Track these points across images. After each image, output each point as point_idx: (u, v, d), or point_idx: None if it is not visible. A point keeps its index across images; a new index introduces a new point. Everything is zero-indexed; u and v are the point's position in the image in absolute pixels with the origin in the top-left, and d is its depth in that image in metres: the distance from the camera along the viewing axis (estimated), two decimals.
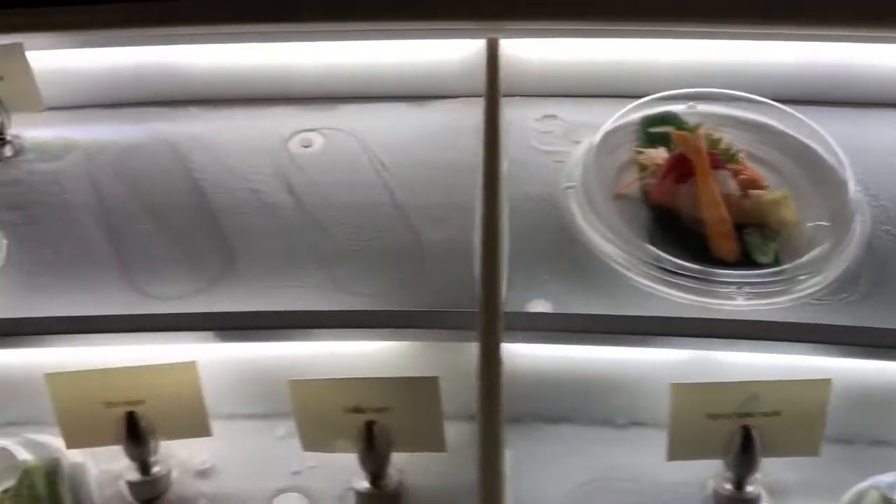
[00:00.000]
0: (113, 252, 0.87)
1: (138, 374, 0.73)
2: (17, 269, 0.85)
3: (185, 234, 0.90)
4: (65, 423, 0.73)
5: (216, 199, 0.93)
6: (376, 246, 0.88)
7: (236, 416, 0.80)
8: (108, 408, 0.73)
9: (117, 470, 0.77)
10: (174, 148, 1.00)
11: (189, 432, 0.75)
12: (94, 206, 0.93)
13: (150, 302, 0.82)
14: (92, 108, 1.05)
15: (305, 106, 1.06)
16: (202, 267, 0.86)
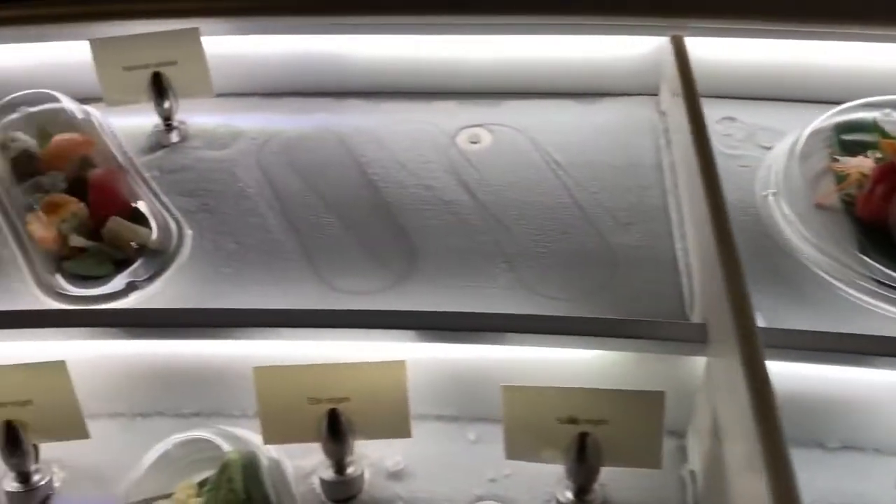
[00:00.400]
0: (295, 243, 0.86)
1: (345, 371, 0.71)
2: (201, 258, 0.85)
3: (365, 229, 0.88)
4: (266, 417, 0.72)
5: (390, 194, 0.92)
6: (563, 248, 0.85)
7: (427, 417, 0.78)
8: (312, 404, 0.72)
9: (309, 467, 0.76)
10: (341, 139, 0.99)
11: (390, 433, 0.73)
12: (269, 195, 0.92)
13: (340, 297, 0.81)
14: (255, 97, 1.05)
15: (468, 100, 1.04)
16: (386, 263, 0.84)
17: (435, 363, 0.75)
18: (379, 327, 0.73)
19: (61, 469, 0.77)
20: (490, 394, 0.74)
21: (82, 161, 0.93)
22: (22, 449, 0.73)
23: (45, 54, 1.01)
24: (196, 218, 0.89)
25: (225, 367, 0.77)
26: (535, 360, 0.76)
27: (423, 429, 0.77)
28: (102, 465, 0.77)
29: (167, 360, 0.78)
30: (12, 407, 0.71)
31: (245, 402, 0.79)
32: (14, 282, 0.82)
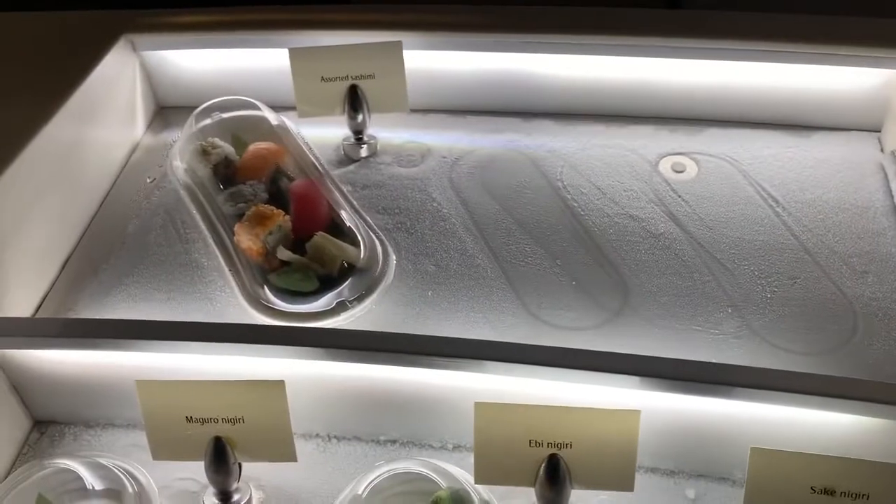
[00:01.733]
0: (497, 270, 0.83)
1: (571, 415, 0.67)
2: (403, 280, 0.82)
3: (569, 258, 0.84)
4: (482, 455, 0.68)
5: (592, 222, 0.87)
6: (795, 296, 0.79)
7: (640, 467, 0.73)
8: (532, 447, 0.69)
9: None
10: (533, 161, 0.96)
11: (612, 485, 0.68)
12: (465, 216, 0.89)
13: (549, 331, 0.77)
14: (442, 114, 1.03)
15: (667, 126, 0.99)
16: (595, 298, 0.80)
17: (656, 412, 0.70)
18: (606, 370, 0.67)
19: (258, 489, 0.76)
20: (715, 450, 0.69)
21: (277, 170, 0.94)
22: (227, 467, 0.71)
23: (241, 60, 1.02)
24: (394, 237, 0.87)
25: (428, 397, 0.73)
26: (767, 418, 0.70)
27: (636, 480, 0.73)
28: (300, 488, 0.75)
29: (369, 383, 0.75)
30: (223, 424, 0.71)
31: (446, 433, 0.77)
32: (218, 290, 0.82)
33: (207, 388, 0.70)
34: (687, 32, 0.94)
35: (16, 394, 0.79)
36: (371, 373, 0.74)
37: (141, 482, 0.73)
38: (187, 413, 0.70)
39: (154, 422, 0.71)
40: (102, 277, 0.84)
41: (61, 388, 0.79)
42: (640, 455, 0.71)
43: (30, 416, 0.81)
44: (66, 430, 0.81)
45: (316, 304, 0.78)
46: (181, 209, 0.91)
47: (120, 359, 0.75)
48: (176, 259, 0.85)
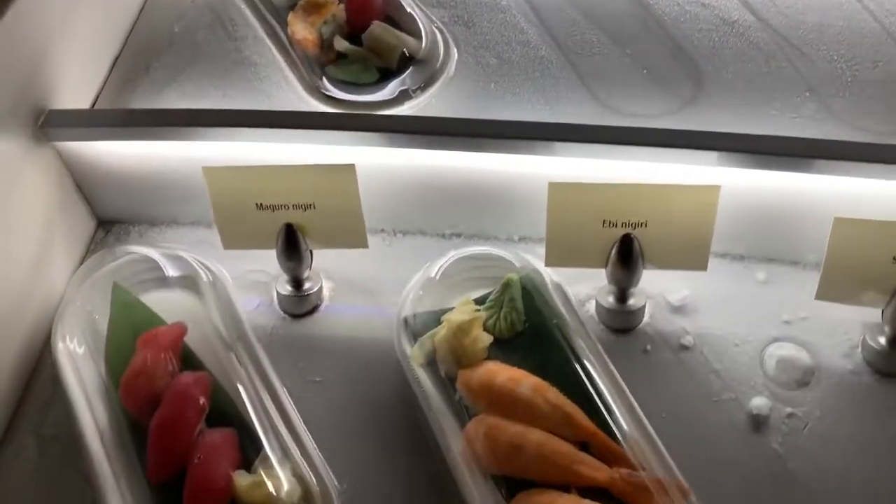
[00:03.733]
0: (563, 61, 0.79)
1: (647, 193, 0.65)
2: (465, 73, 0.79)
3: (638, 48, 0.80)
4: (553, 237, 0.67)
5: (662, 10, 0.82)
6: (875, 77, 0.75)
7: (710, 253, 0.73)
8: (606, 227, 0.67)
9: (585, 294, 0.71)
10: None
11: (686, 263, 0.67)
12: (525, 8, 0.84)
13: (621, 119, 0.74)
14: None
15: None
16: (668, 86, 0.77)
17: (730, 195, 0.66)
18: (683, 147, 0.65)
19: (328, 279, 0.77)
20: (788, 234, 0.68)
21: None
22: (299, 254, 0.72)
23: None
24: (452, 30, 0.83)
25: (495, 187, 0.73)
26: (845, 197, 0.68)
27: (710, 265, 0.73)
28: (369, 279, 0.76)
29: (435, 174, 0.74)
30: (295, 210, 0.70)
31: (512, 225, 0.77)
32: (275, 86, 0.79)
33: (277, 173, 0.69)
34: None
35: (80, 192, 0.80)
36: (437, 162, 0.72)
37: (214, 271, 0.75)
38: (257, 200, 0.70)
39: (223, 210, 0.71)
40: (154, 76, 0.82)
41: (125, 186, 0.78)
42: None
43: (94, 215, 0.82)
44: (130, 228, 0.82)
45: (377, 94, 0.76)
46: (228, 6, 0.87)
47: (184, 151, 0.74)
48: (228, 56, 0.82)
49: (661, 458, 0.60)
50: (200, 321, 0.70)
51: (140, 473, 0.62)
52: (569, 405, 0.63)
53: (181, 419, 0.63)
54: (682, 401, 0.66)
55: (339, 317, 0.74)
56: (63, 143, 0.74)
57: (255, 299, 0.75)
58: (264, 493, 0.59)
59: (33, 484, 0.66)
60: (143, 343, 0.69)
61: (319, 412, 0.67)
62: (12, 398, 0.70)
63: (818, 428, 0.64)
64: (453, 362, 0.66)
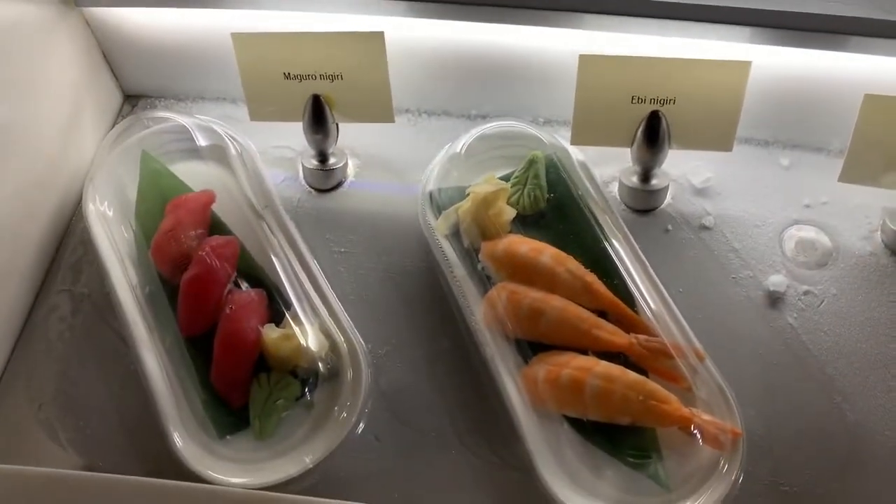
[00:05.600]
0: None
1: (676, 68, 0.64)
2: None
3: None
4: (581, 112, 0.67)
5: None
6: None
7: (737, 138, 0.72)
8: (634, 103, 0.66)
9: (609, 175, 0.71)
10: None
11: (711, 143, 0.67)
12: None
13: None
14: None
15: None
16: None
17: (758, 75, 0.65)
18: (709, 21, 0.64)
19: (353, 156, 0.78)
20: (811, 118, 0.68)
21: None
22: (326, 126, 0.72)
23: None
24: None
25: (520, 65, 0.72)
26: (874, 77, 0.67)
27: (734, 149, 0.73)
28: (394, 157, 0.76)
29: (460, 51, 0.73)
30: (322, 81, 0.70)
31: (539, 107, 0.77)
32: None
33: (305, 40, 0.68)
34: None
35: (107, 64, 0.80)
36: (465, 37, 0.72)
37: (241, 143, 0.76)
38: (285, 69, 0.70)
39: (251, 78, 0.70)
40: None
41: (152, 57, 0.78)
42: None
43: (121, 88, 0.82)
44: (157, 102, 0.82)
45: None
46: None
47: (211, 18, 0.74)
48: None
49: (678, 325, 0.62)
50: (229, 190, 0.71)
51: (171, 328, 0.64)
52: (589, 275, 0.65)
53: (211, 277, 0.65)
54: (701, 277, 0.68)
55: (364, 192, 0.75)
56: (90, 8, 0.74)
57: (280, 174, 0.76)
58: (293, 345, 0.62)
59: (68, 339, 0.68)
60: (172, 207, 0.70)
61: (345, 280, 0.69)
62: (45, 259, 0.72)
63: (833, 305, 0.66)
64: (477, 234, 0.67)
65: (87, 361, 0.66)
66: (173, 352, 0.63)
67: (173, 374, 0.62)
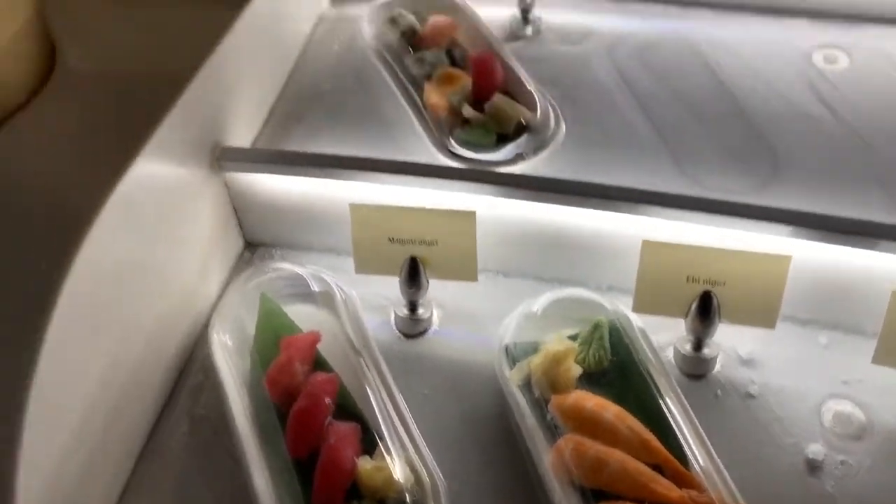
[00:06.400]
0: (657, 139, 0.91)
1: (726, 257, 0.75)
2: (572, 142, 0.91)
3: (724, 131, 0.91)
4: (643, 288, 0.78)
5: (747, 102, 0.94)
6: None
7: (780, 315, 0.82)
8: (689, 282, 0.77)
9: (666, 340, 0.81)
10: (691, 46, 1.02)
11: (756, 321, 0.77)
12: (625, 91, 0.97)
13: (706, 192, 0.84)
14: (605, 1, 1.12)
15: (821, 20, 1.03)
16: (749, 167, 0.87)
17: (800, 264, 0.77)
18: (756, 219, 0.77)
19: (438, 307, 0.89)
20: (850, 304, 0.77)
21: (454, 41, 1.03)
22: (419, 282, 0.84)
23: None
24: (561, 105, 0.95)
25: (590, 240, 0.84)
26: None
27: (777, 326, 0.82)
28: (474, 310, 0.87)
29: (539, 226, 0.86)
30: (419, 245, 0.83)
31: (603, 275, 0.88)
32: (408, 140, 0.93)
33: (409, 213, 0.82)
34: None
35: (236, 216, 0.95)
36: (543, 215, 0.84)
37: (345, 291, 0.87)
38: (390, 235, 0.83)
39: (361, 240, 0.84)
40: (305, 123, 0.97)
41: (273, 213, 0.93)
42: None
43: (243, 237, 0.96)
44: (273, 251, 0.96)
45: (496, 155, 0.89)
46: (371, 71, 1.02)
47: (327, 188, 0.88)
48: (369, 113, 0.97)
49: (725, 484, 0.69)
50: (332, 331, 0.83)
51: (279, 451, 0.74)
52: (646, 432, 0.73)
53: (315, 410, 0.75)
54: (747, 441, 0.75)
55: (446, 340, 0.86)
56: (230, 173, 0.89)
57: (374, 318, 0.88)
58: (385, 476, 0.71)
59: (185, 457, 0.78)
60: (285, 344, 0.82)
61: (427, 419, 0.78)
62: (169, 383, 0.84)
63: (868, 476, 0.73)
64: (547, 387, 0.77)
65: (201, 478, 0.76)
66: (280, 473, 0.73)
67: (278, 493, 0.71)
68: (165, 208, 0.81)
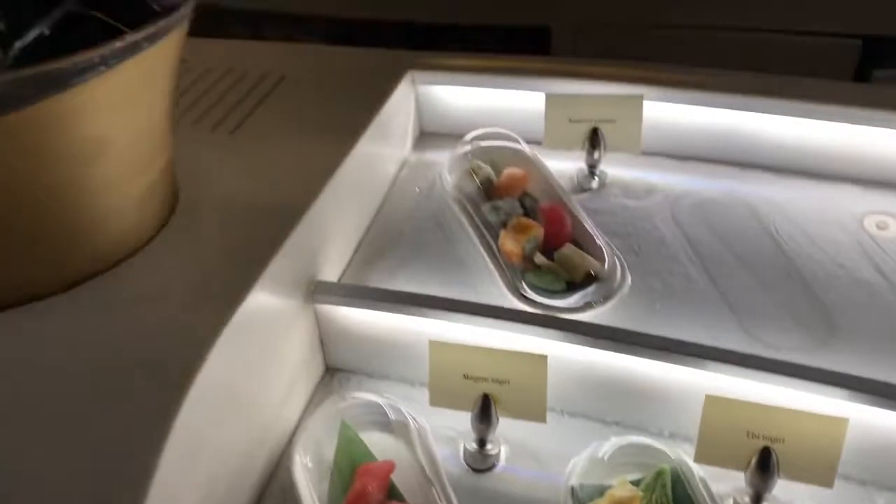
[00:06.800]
0: (716, 295, 0.97)
1: (788, 416, 0.80)
2: (636, 293, 0.98)
3: (781, 290, 0.97)
4: (704, 440, 0.82)
5: (802, 263, 1.01)
6: None
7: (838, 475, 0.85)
8: (750, 438, 0.82)
9: (724, 491, 0.84)
10: (749, 206, 1.10)
11: (814, 479, 0.80)
12: (686, 247, 1.05)
13: (765, 349, 0.90)
14: (667, 157, 1.19)
15: (872, 187, 1.11)
16: (806, 327, 0.93)
17: (858, 427, 0.81)
18: (815, 381, 0.81)
19: (505, 443, 0.93)
20: None
21: (526, 191, 1.12)
22: (490, 419, 0.90)
23: (497, 98, 1.23)
24: (624, 256, 1.03)
25: (653, 388, 0.89)
26: None
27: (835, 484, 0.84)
28: (540, 448, 0.92)
29: (605, 371, 0.91)
30: (492, 383, 0.89)
31: (666, 422, 0.92)
32: (482, 283, 1.01)
33: (485, 352, 0.88)
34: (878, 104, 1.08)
35: (320, 344, 1.02)
36: (609, 361, 0.90)
37: (419, 422, 0.93)
38: (465, 372, 0.89)
39: (437, 375, 0.90)
40: (388, 261, 1.06)
41: (355, 343, 1.00)
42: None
43: (325, 363, 1.04)
44: (351, 377, 1.03)
45: (565, 302, 0.96)
46: (449, 217, 1.12)
47: (407, 323, 0.95)
48: (446, 255, 1.05)
49: None
50: (405, 460, 0.88)
51: None
52: None
53: None
54: None
55: (513, 476, 0.90)
56: (321, 305, 0.98)
57: (443, 450, 0.92)
58: None
59: None
60: (362, 472, 0.87)
61: None
62: (251, 501, 0.89)
63: None
64: None
65: None
66: None
67: None
68: (265, 337, 0.89)
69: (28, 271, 0.83)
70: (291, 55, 1.30)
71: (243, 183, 1.00)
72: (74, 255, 0.84)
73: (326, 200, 0.98)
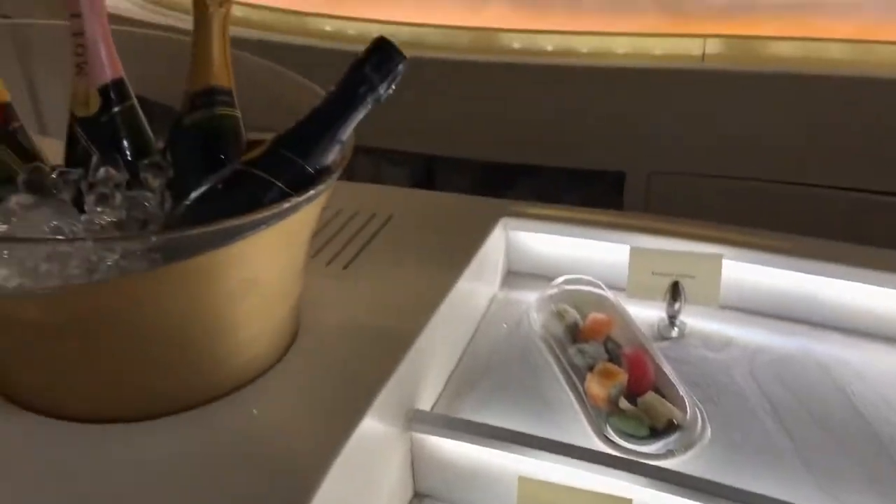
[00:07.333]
0: (793, 452, 1.01)
1: None
2: (714, 443, 1.03)
3: (858, 452, 1.00)
4: None
5: (878, 425, 1.04)
6: None
7: None
8: None
9: None
10: (823, 365, 1.15)
11: None
12: (763, 401, 1.09)
13: None
14: (745, 313, 1.25)
15: None
16: (886, 490, 0.95)
17: None
18: None
19: None
20: None
21: (610, 337, 1.20)
22: None
23: (580, 247, 1.34)
24: (704, 406, 1.08)
25: None
26: None
27: None
28: None
29: None
30: None
31: None
32: (566, 422, 1.07)
33: (572, 493, 0.93)
34: None
35: (411, 470, 1.08)
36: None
37: None
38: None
39: None
40: (477, 392, 1.13)
41: (445, 471, 1.06)
42: None
43: (413, 487, 1.09)
44: (437, 503, 1.08)
45: (648, 447, 1.01)
46: (534, 352, 1.20)
47: (493, 456, 1.01)
48: (533, 392, 1.12)
49: None
50: None
51: None
52: None
53: None
54: None
55: None
56: (416, 433, 1.05)
57: None
58: None
59: None
60: None
61: None
62: None
63: None
64: None
65: None
66: None
67: None
68: (368, 462, 0.96)
69: (154, 394, 0.90)
70: (399, 197, 1.45)
71: (355, 314, 1.10)
72: (201, 382, 0.92)
73: (431, 331, 1.07)
